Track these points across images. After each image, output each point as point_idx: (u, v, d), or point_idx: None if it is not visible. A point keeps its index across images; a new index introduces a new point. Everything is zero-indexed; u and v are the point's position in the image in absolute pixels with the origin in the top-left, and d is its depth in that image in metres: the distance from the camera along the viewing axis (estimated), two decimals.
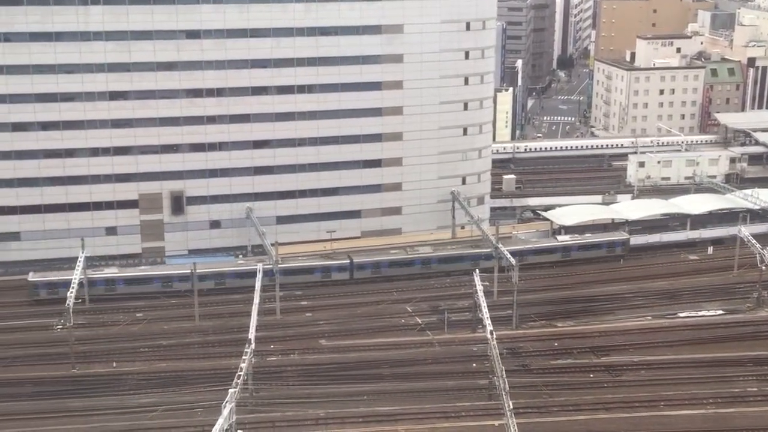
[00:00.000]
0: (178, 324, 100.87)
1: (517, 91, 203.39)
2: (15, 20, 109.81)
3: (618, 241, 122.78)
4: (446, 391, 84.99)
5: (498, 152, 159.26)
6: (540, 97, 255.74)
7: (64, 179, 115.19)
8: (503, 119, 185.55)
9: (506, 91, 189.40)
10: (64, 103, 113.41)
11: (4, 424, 77.95)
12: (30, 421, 78.64)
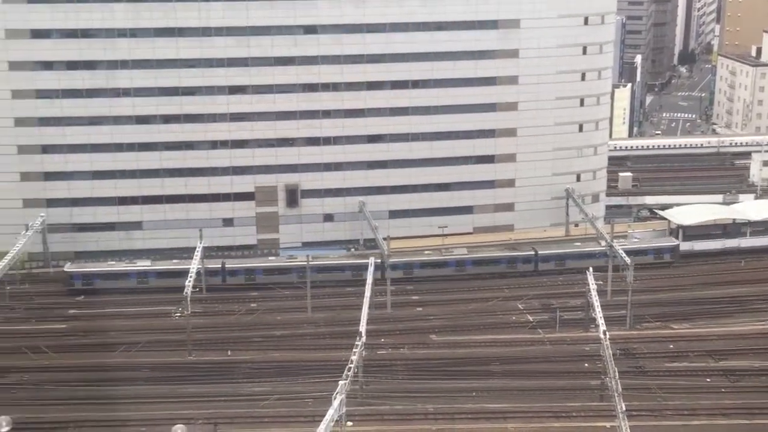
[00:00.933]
0: (291, 315, 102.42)
1: (636, 87, 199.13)
2: (140, 16, 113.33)
3: (666, 248, 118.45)
4: (557, 391, 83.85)
5: (615, 149, 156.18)
6: (659, 94, 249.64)
7: (184, 171, 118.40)
8: (620, 116, 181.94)
9: (624, 87, 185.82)
10: (185, 96, 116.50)
11: (121, 407, 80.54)
12: (146, 405, 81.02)
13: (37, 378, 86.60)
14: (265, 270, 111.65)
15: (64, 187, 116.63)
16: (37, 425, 76.53)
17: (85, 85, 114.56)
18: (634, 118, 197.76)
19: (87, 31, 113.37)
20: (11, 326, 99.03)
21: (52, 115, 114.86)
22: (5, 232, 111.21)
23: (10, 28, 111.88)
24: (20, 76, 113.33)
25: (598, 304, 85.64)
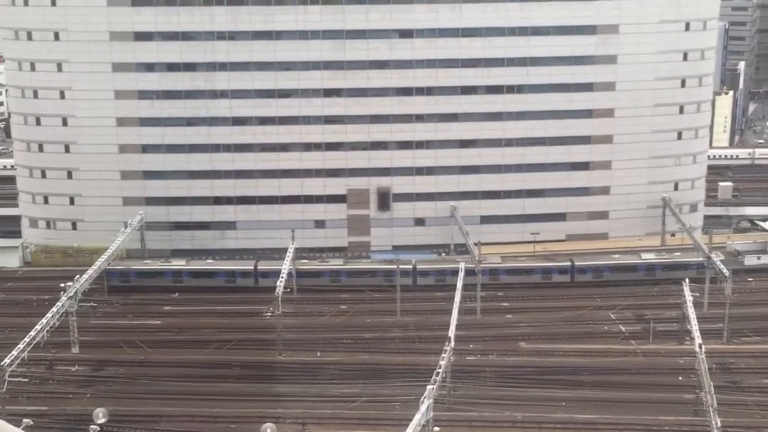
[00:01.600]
0: (381, 318, 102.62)
1: (738, 94, 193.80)
2: (239, 20, 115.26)
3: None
4: (649, 404, 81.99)
5: (715, 158, 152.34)
6: (763, 102, 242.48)
7: (278, 172, 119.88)
8: (721, 124, 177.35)
9: (726, 94, 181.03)
10: (281, 99, 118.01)
11: (211, 404, 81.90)
12: (236, 402, 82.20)
13: (132, 372, 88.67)
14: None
15: (162, 186, 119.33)
16: (131, 418, 78.27)
17: (184, 86, 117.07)
18: (735, 127, 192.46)
19: (188, 33, 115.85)
20: (109, 321, 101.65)
21: (152, 115, 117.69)
22: (106, 229, 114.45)
23: (114, 30, 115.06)
24: (123, 78, 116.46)
25: (693, 317, 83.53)
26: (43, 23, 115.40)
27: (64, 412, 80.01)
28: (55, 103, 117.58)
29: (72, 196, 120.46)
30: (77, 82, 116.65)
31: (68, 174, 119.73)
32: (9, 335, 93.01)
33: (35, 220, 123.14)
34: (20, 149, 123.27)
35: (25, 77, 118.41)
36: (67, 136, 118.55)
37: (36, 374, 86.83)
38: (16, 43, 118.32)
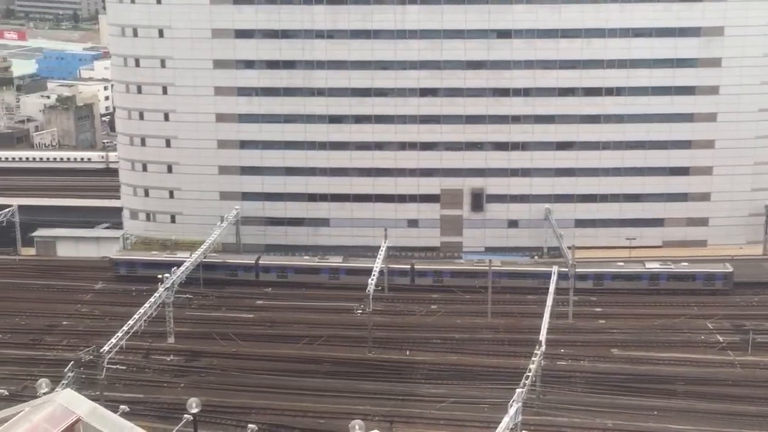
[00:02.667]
0: (471, 319, 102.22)
1: None
2: (338, 18, 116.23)
3: (719, 274, 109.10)
4: (746, 417, 79.73)
5: None
6: None
7: (372, 171, 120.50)
8: None
9: None
10: (377, 98, 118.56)
11: (301, 398, 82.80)
12: (325, 398, 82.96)
13: (225, 364, 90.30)
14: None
15: (258, 181, 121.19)
16: (223, 408, 79.77)
17: (282, 83, 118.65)
18: None
19: (287, 32, 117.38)
20: (204, 313, 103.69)
21: (251, 112, 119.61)
22: (203, 222, 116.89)
23: (216, 28, 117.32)
24: (223, 74, 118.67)
25: None
26: (149, 20, 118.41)
27: (159, 400, 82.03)
28: (158, 98, 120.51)
29: (171, 189, 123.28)
30: (179, 78, 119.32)
31: (168, 168, 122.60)
32: (109, 323, 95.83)
33: (136, 212, 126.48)
34: (123, 143, 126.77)
35: (130, 73, 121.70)
36: (169, 131, 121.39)
37: (133, 362, 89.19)
38: (123, 39, 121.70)
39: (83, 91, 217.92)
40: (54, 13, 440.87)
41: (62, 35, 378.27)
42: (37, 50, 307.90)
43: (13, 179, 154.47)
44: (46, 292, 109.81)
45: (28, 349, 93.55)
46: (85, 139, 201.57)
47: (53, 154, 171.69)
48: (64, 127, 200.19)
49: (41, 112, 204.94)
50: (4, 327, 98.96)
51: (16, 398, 74.19)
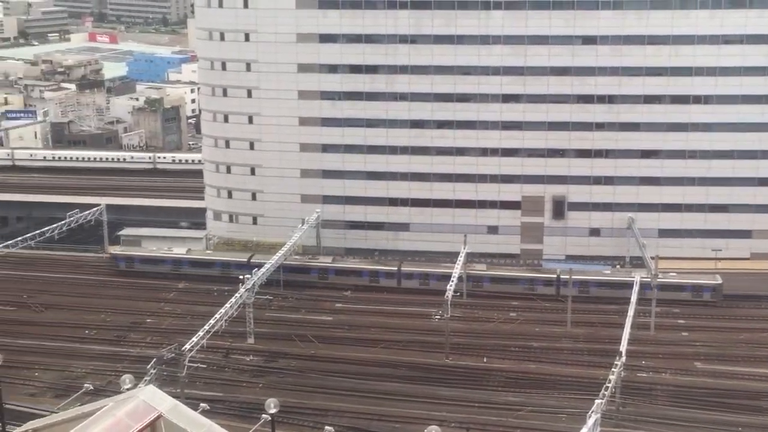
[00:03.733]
0: (550, 328, 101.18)
1: None
2: (422, 23, 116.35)
3: (707, 286, 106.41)
4: None
5: None
6: None
7: (453, 176, 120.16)
8: None
9: None
10: (459, 103, 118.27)
11: (377, 402, 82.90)
12: (401, 402, 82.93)
13: (304, 365, 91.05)
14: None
15: (339, 185, 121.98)
16: (301, 410, 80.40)
17: (365, 88, 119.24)
18: None
19: (371, 36, 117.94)
20: (284, 314, 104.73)
21: (333, 116, 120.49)
22: (284, 225, 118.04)
23: (301, 32, 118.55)
24: (307, 78, 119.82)
25: None
26: (235, 25, 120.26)
27: (238, 399, 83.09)
28: (243, 101, 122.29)
29: (254, 191, 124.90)
30: (264, 81, 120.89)
31: (251, 170, 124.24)
32: (191, 322, 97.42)
33: (219, 213, 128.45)
34: (208, 145, 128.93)
35: (216, 76, 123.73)
36: (252, 134, 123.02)
37: (213, 361, 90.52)
38: (210, 43, 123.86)
39: (171, 93, 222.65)
40: (144, 17, 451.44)
41: (152, 38, 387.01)
42: (128, 53, 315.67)
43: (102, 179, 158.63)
44: (130, 290, 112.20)
45: (112, 346, 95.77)
46: (172, 141, 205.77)
47: (99, 154, 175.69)
48: (152, 128, 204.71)
49: (130, 113, 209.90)
50: (90, 323, 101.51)
51: (100, 393, 75.98)
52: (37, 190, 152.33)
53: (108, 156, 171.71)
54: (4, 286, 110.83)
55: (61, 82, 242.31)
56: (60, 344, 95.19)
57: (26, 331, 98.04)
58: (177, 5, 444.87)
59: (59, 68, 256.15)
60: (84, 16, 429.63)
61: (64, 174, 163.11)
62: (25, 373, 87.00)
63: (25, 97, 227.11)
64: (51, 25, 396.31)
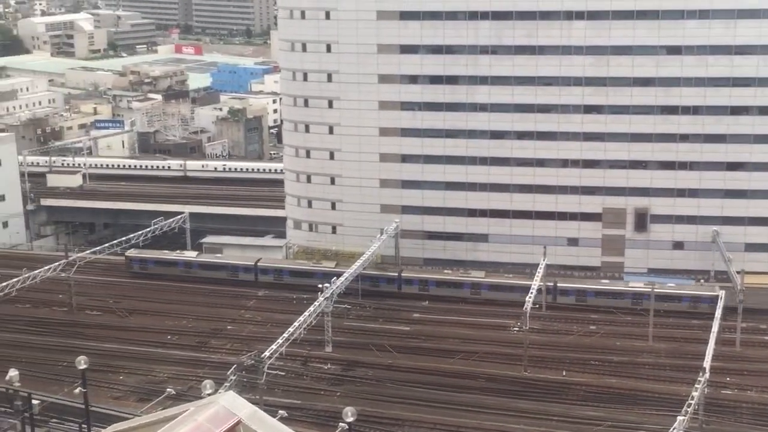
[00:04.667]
0: (631, 342, 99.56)
1: None
2: (503, 34, 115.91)
3: (706, 297, 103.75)
4: None
5: None
6: None
7: (533, 188, 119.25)
8: None
9: None
10: (540, 114, 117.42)
11: (454, 413, 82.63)
12: (479, 414, 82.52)
13: (381, 375, 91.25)
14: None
15: (418, 195, 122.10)
16: (377, 419, 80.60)
17: (445, 98, 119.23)
18: None
19: (451, 47, 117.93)
20: (361, 323, 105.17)
21: (413, 126, 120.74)
22: (363, 234, 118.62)
23: (382, 43, 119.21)
24: (388, 89, 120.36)
25: None
26: (317, 35, 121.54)
27: (315, 407, 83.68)
28: (324, 111, 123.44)
29: (334, 201, 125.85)
30: (345, 92, 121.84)
31: (331, 180, 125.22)
32: (270, 330, 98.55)
33: (299, 222, 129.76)
34: (289, 154, 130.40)
35: (298, 87, 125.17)
36: (333, 144, 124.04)
37: (291, 369, 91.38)
38: (292, 54, 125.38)
39: (253, 103, 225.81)
40: (228, 29, 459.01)
41: (235, 50, 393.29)
42: (212, 64, 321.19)
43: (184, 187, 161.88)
44: (212, 297, 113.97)
45: (194, 351, 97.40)
46: (254, 150, 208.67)
47: (132, 161, 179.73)
48: (234, 138, 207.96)
49: (213, 123, 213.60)
50: (173, 329, 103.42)
51: (181, 397, 77.47)
52: (124, 197, 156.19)
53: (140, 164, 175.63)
54: (91, 292, 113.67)
55: (148, 92, 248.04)
56: (144, 349, 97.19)
57: (112, 336, 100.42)
58: (261, 17, 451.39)
59: (146, 79, 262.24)
60: (171, 28, 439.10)
61: (148, 182, 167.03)
62: (110, 376, 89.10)
63: (114, 107, 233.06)
64: (139, 37, 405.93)
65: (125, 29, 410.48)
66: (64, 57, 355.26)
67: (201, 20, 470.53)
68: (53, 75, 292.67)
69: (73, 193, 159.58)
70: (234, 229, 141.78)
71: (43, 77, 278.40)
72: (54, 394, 69.06)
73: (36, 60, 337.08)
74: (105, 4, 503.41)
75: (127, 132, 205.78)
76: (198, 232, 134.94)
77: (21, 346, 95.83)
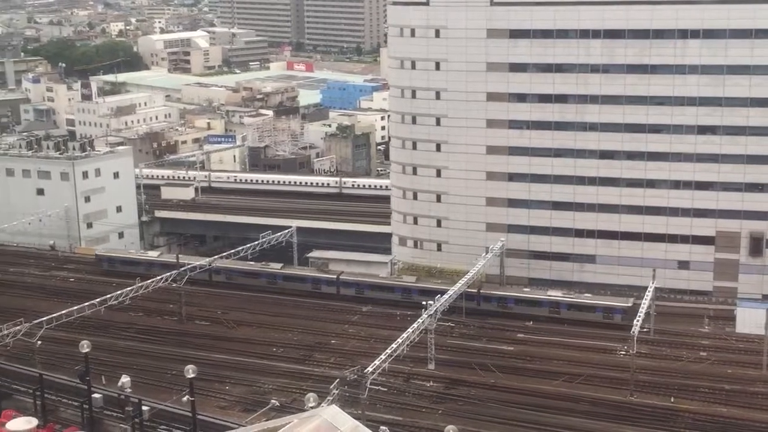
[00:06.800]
0: (743, 370, 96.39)
1: None
2: (615, 53, 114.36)
3: (618, 308, 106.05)
4: None
5: None
6: None
7: (643, 209, 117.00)
8: None
9: None
10: (651, 134, 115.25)
11: None
12: None
13: (483, 394, 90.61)
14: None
15: (524, 214, 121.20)
16: None
17: (554, 117, 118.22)
18: None
19: (561, 66, 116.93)
20: (464, 342, 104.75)
21: (521, 144, 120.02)
22: (468, 253, 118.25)
23: (491, 61, 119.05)
24: (495, 107, 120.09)
25: None
26: (427, 53, 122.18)
27: (417, 424, 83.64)
28: (431, 128, 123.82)
29: (439, 218, 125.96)
30: (452, 110, 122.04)
31: (437, 197, 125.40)
32: (373, 345, 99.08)
33: (404, 238, 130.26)
34: (396, 171, 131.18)
35: (406, 104, 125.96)
36: (439, 161, 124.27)
37: (394, 385, 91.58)
38: (401, 72, 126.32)
39: (361, 120, 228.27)
40: (339, 46, 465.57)
41: (345, 67, 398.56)
42: (322, 81, 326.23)
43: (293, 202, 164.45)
44: (317, 311, 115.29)
45: (298, 364, 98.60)
46: (361, 167, 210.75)
47: (243, 175, 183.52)
48: (342, 154, 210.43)
49: (322, 139, 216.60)
50: (279, 341, 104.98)
51: (285, 409, 78.56)
52: (234, 211, 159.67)
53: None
54: (201, 302, 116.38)
55: (259, 108, 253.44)
56: (249, 360, 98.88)
57: (219, 346, 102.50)
58: (371, 35, 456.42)
59: (258, 95, 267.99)
60: (283, 45, 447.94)
61: (258, 196, 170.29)
62: (217, 386, 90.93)
63: (226, 122, 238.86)
64: (252, 54, 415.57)
65: (239, 46, 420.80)
66: (181, 73, 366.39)
67: (313, 38, 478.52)
68: (170, 90, 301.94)
69: (186, 205, 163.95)
70: (341, 245, 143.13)
71: (161, 92, 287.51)
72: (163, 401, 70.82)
73: (154, 76, 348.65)
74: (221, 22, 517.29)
75: (238, 147, 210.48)
76: (305, 247, 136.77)
77: (133, 354, 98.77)
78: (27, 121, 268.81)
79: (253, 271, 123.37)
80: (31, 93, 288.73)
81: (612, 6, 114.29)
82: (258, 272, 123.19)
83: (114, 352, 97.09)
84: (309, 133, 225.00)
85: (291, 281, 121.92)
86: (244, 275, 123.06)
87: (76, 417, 63.80)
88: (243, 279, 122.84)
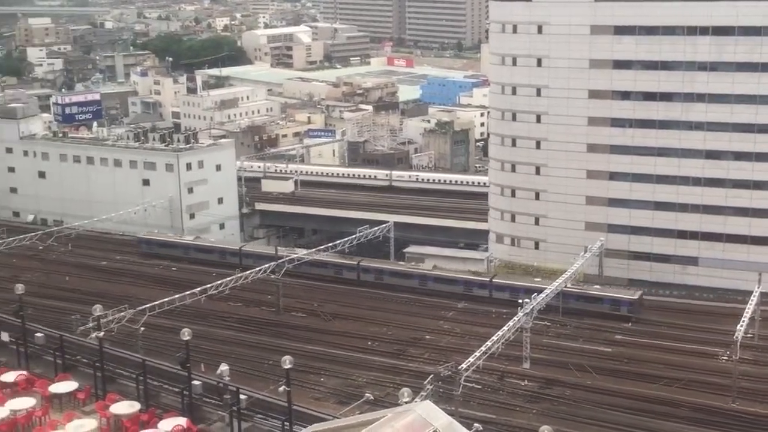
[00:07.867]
0: None
1: None
2: (723, 50, 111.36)
3: (625, 300, 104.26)
4: None
5: None
6: None
7: (749, 211, 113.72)
8: None
9: None
10: (761, 134, 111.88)
11: None
12: None
13: (579, 395, 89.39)
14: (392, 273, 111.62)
15: (625, 214, 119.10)
16: None
17: (658, 116, 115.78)
18: None
19: (667, 63, 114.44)
20: (561, 342, 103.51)
21: (623, 143, 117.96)
22: (566, 251, 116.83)
23: (594, 58, 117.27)
24: (598, 104, 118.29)
25: None
26: (528, 50, 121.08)
27: (510, 423, 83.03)
28: (531, 126, 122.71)
29: (537, 216, 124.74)
30: (553, 107, 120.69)
31: (536, 195, 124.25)
32: (468, 342, 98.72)
33: (501, 236, 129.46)
34: (495, 168, 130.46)
35: (506, 101, 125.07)
36: (539, 159, 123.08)
37: (488, 383, 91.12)
38: (502, 68, 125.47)
39: (461, 116, 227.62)
40: (440, 42, 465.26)
41: (445, 63, 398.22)
42: (422, 77, 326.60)
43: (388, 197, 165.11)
44: (413, 306, 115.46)
45: (392, 359, 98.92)
46: (459, 163, 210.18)
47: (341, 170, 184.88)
48: (441, 150, 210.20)
49: (421, 135, 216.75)
50: (374, 335, 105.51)
51: (378, 403, 78.98)
52: (332, 205, 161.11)
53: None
54: (298, 294, 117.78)
55: (359, 103, 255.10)
56: (345, 353, 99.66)
57: (315, 338, 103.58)
58: (472, 31, 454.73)
59: (358, 90, 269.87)
60: (384, 41, 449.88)
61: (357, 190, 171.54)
62: (312, 377, 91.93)
63: (326, 116, 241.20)
64: (353, 49, 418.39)
65: (341, 42, 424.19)
66: (283, 68, 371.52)
67: (414, 33, 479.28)
68: (272, 85, 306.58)
69: (285, 198, 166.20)
70: (438, 240, 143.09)
71: (263, 87, 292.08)
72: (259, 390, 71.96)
73: (257, 70, 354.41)
74: (323, 17, 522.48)
75: (337, 141, 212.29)
76: (402, 242, 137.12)
77: (231, 343, 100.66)
78: (134, 114, 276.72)
79: (404, 272, 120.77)
80: (139, 86, 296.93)
81: (721, 2, 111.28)
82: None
83: (213, 341, 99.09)
84: (408, 129, 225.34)
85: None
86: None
87: (176, 403, 65.23)
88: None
